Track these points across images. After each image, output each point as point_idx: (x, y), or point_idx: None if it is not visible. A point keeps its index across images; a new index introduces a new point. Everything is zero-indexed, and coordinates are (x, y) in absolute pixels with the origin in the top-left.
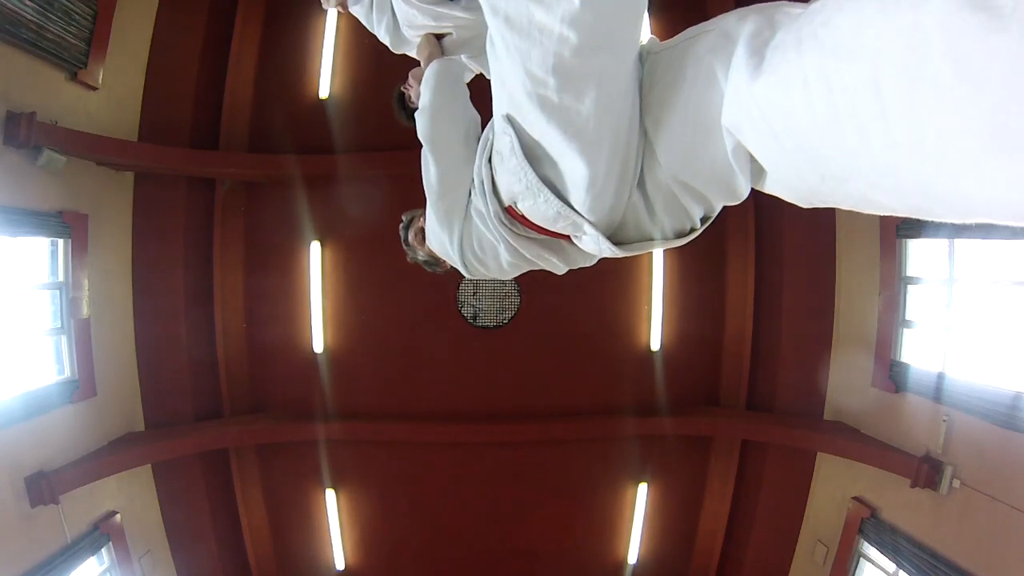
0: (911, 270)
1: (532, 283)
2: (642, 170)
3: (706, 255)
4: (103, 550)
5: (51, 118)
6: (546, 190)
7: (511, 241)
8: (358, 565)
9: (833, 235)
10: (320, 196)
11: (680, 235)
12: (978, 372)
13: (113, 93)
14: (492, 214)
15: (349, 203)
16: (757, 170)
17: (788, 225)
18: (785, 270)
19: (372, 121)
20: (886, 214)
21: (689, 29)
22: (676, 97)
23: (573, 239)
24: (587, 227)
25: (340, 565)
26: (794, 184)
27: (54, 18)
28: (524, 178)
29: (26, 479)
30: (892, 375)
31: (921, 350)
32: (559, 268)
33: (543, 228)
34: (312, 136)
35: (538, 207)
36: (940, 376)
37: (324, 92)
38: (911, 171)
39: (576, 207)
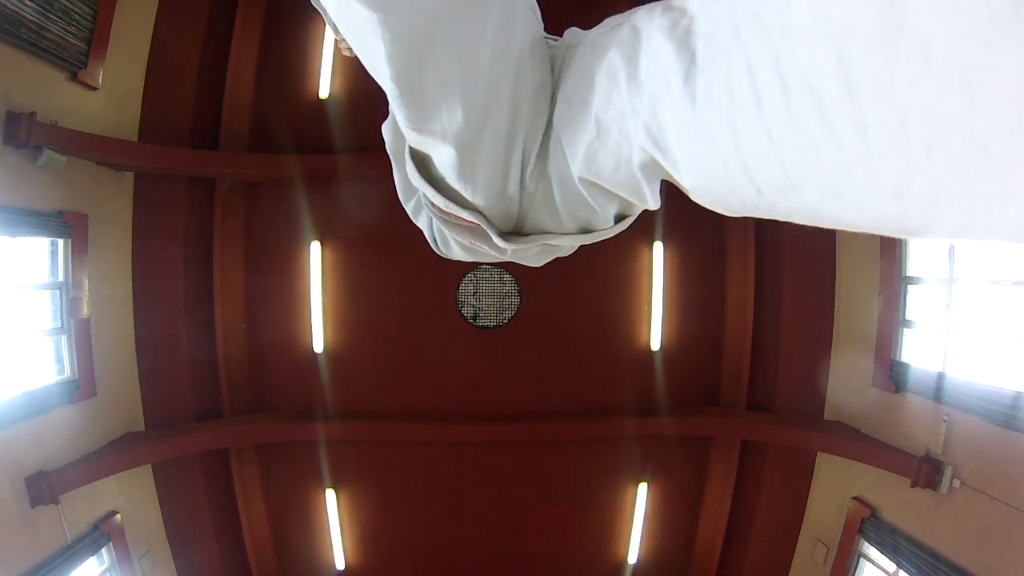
0: (911, 270)
1: (532, 283)
2: (547, 163)
3: (706, 255)
4: (103, 550)
5: (51, 118)
6: (431, 188)
7: (443, 228)
8: (358, 565)
9: (833, 234)
10: (320, 196)
11: (586, 231)
12: (978, 372)
13: (113, 93)
14: (425, 204)
15: (349, 203)
16: (670, 182)
17: (788, 224)
18: (785, 270)
19: (372, 121)
20: (840, 228)
21: (609, 19)
22: (581, 94)
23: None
24: (479, 219)
25: (340, 565)
26: (722, 199)
27: (54, 18)
28: (418, 179)
29: (26, 479)
30: (892, 375)
31: (921, 350)
32: (501, 255)
33: (461, 216)
34: (312, 136)
35: (437, 201)
36: (940, 376)
37: (324, 92)
38: (887, 165)
39: (464, 200)
